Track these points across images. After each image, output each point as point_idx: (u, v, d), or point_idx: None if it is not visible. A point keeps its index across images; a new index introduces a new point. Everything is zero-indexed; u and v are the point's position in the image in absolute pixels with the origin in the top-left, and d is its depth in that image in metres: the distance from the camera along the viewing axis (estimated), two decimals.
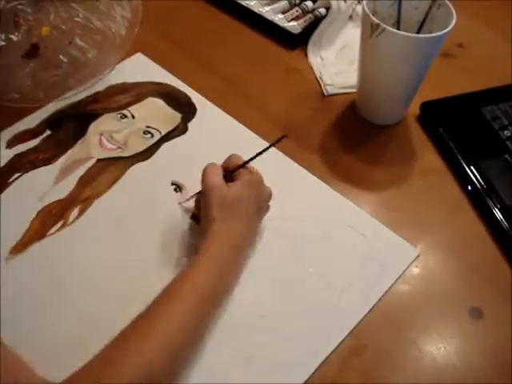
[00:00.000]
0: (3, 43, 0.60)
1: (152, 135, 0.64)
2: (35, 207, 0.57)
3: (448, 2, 0.59)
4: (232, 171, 0.52)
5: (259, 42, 0.79)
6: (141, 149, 0.63)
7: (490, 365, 0.49)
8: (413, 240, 0.57)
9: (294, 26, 0.79)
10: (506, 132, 0.66)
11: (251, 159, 0.52)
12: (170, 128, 0.65)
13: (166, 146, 0.64)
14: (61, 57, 0.65)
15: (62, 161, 0.61)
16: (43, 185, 0.59)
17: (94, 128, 0.65)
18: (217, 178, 0.51)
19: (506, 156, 0.63)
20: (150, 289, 0.46)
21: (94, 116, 0.66)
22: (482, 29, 0.83)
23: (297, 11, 0.81)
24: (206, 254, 0.48)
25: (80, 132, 0.64)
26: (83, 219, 0.57)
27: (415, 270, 0.55)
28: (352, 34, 0.79)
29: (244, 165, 0.52)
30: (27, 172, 0.60)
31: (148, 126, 0.65)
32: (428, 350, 0.50)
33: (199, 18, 0.82)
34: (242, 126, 0.66)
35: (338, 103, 0.71)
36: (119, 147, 0.63)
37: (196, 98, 0.68)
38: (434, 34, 0.56)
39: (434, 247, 0.57)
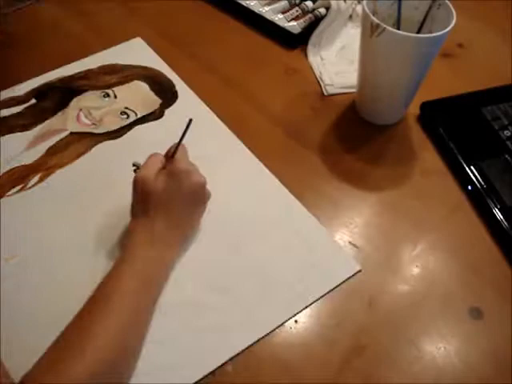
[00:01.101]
0: None
1: (128, 116, 0.66)
2: (1, 169, 0.59)
3: (448, 2, 0.59)
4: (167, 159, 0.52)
5: (259, 42, 0.79)
6: (114, 128, 0.65)
7: (490, 365, 0.49)
8: (413, 240, 0.57)
9: (294, 26, 0.79)
10: (506, 132, 0.66)
11: (176, 149, 0.51)
12: (147, 112, 0.67)
13: (138, 128, 0.65)
14: None
15: (38, 129, 0.64)
16: (14, 149, 0.62)
17: (76, 102, 0.67)
18: (146, 170, 0.50)
19: (506, 156, 0.63)
20: (96, 266, 0.50)
21: (80, 91, 0.68)
22: (482, 29, 0.83)
23: (297, 11, 0.81)
24: (131, 257, 0.48)
25: (62, 104, 0.67)
26: (41, 186, 0.59)
27: (415, 270, 0.55)
28: (352, 34, 0.79)
29: (174, 153, 0.51)
30: (3, 135, 0.63)
31: (126, 108, 0.67)
32: (428, 350, 0.50)
33: (199, 18, 0.82)
34: (217, 119, 0.67)
35: (338, 103, 0.71)
36: (94, 123, 0.65)
37: (181, 86, 0.70)
38: (434, 34, 0.56)
39: (434, 247, 0.57)
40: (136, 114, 0.66)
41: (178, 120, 0.64)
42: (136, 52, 0.74)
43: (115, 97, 0.67)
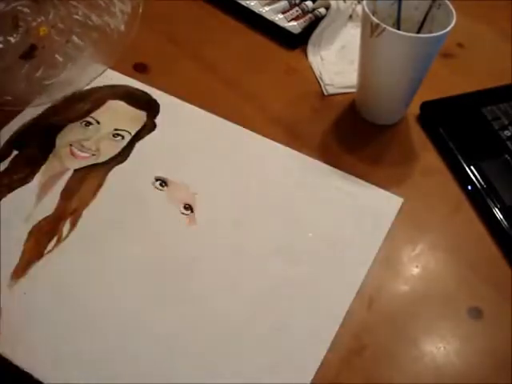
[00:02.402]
0: (1, 46, 0.61)
1: (122, 137, 0.64)
2: (24, 229, 0.56)
3: (448, 2, 0.59)
4: None
5: (259, 42, 0.79)
6: (115, 152, 0.63)
7: (489, 365, 0.49)
8: (413, 240, 0.57)
9: (294, 26, 0.79)
10: (506, 132, 0.66)
11: None
12: (138, 127, 0.65)
13: (139, 144, 0.64)
14: (57, 56, 0.65)
15: (39, 177, 0.60)
16: (26, 205, 0.58)
17: (62, 139, 0.64)
18: None
19: (506, 156, 0.63)
20: (155, 284, 0.51)
21: (58, 128, 0.65)
22: (482, 29, 0.83)
23: (297, 11, 0.81)
24: None
25: (48, 146, 0.63)
26: (77, 231, 0.56)
27: (415, 270, 0.55)
28: (352, 34, 0.79)
29: None
30: (5, 196, 0.59)
31: (116, 129, 0.65)
32: (428, 350, 0.50)
33: (199, 18, 0.82)
34: (207, 113, 0.67)
35: (338, 103, 0.71)
36: (93, 154, 0.62)
37: (155, 94, 0.69)
38: (433, 34, 0.56)
39: (434, 247, 0.57)
40: (130, 133, 0.65)
41: (172, 124, 0.66)
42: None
43: (98, 122, 0.65)
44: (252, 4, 0.81)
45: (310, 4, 0.82)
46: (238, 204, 0.59)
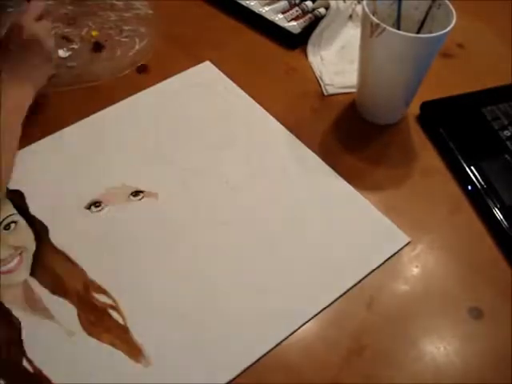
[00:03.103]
0: (70, 52, 0.74)
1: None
2: None
3: (448, 2, 0.59)
4: None
5: (259, 41, 0.79)
6: None
7: (490, 365, 0.49)
8: (413, 240, 0.57)
9: (294, 26, 0.79)
10: (505, 132, 0.66)
11: None
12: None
13: None
14: (122, 39, 0.76)
15: None
16: None
17: None
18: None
19: (506, 156, 0.63)
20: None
21: None
22: (482, 29, 0.83)
23: (297, 11, 0.81)
24: None
25: None
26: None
27: (415, 270, 0.55)
28: (352, 34, 0.79)
29: None
30: None
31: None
32: (428, 350, 0.50)
33: (199, 18, 0.82)
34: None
35: (338, 103, 0.71)
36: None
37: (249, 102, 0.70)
38: (434, 34, 0.56)
39: (434, 247, 0.57)
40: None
41: None
42: (206, 75, 0.73)
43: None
44: (252, 4, 0.81)
45: (309, 4, 0.82)
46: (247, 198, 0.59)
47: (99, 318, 0.49)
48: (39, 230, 0.55)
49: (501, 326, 0.52)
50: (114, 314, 0.49)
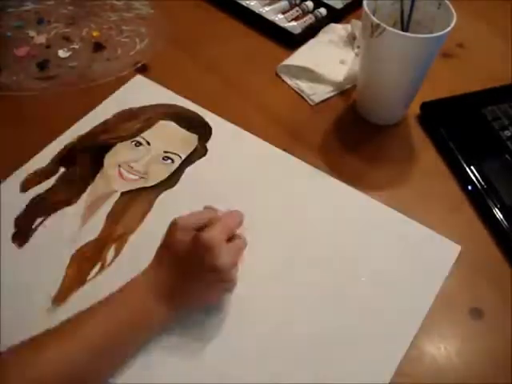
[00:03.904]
0: (70, 52, 0.73)
1: (172, 160, 0.61)
2: (67, 252, 0.53)
3: (448, 2, 0.59)
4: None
5: (259, 42, 0.79)
6: (164, 176, 0.60)
7: (490, 365, 0.49)
8: None
9: (294, 26, 0.79)
10: (506, 132, 0.66)
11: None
12: (188, 151, 0.62)
13: (188, 170, 0.61)
14: (122, 39, 0.76)
15: (85, 198, 0.57)
16: (71, 227, 0.55)
17: (111, 159, 0.61)
18: (185, 218, 0.48)
19: (507, 156, 0.63)
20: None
21: (107, 147, 0.62)
22: (482, 29, 0.83)
23: (297, 11, 0.81)
24: (123, 295, 0.46)
25: (96, 166, 0.60)
26: (122, 258, 0.53)
27: None
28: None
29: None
30: (49, 215, 0.56)
31: (166, 152, 0.62)
32: (428, 350, 0.50)
33: (199, 18, 0.82)
34: (261, 140, 0.64)
35: (338, 103, 0.71)
36: (141, 177, 0.59)
37: (209, 116, 0.66)
38: (434, 34, 0.56)
39: None
40: (180, 157, 0.61)
41: (224, 152, 0.62)
42: (142, 91, 0.69)
43: (148, 143, 0.62)
44: (252, 4, 0.81)
45: (310, 4, 0.82)
46: (289, 241, 0.55)
47: None
48: None
49: (501, 326, 0.52)
50: None
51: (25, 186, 0.58)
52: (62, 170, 0.60)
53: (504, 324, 0.52)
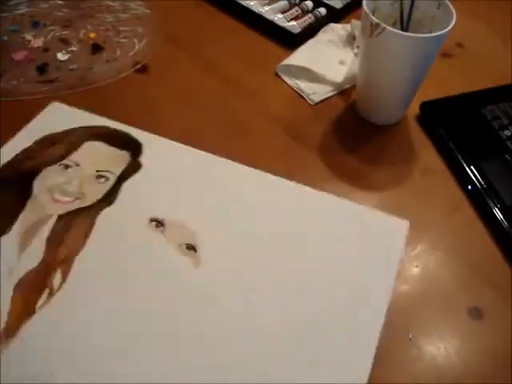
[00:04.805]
0: (69, 55, 0.73)
1: (107, 178, 0.59)
2: (8, 284, 0.50)
3: (448, 2, 0.59)
4: None
5: (259, 41, 0.79)
6: (101, 194, 0.58)
7: (490, 365, 0.49)
8: (413, 240, 0.57)
9: (294, 26, 0.79)
10: (506, 132, 0.66)
11: None
12: (122, 167, 0.61)
13: (126, 186, 0.59)
14: (120, 40, 0.76)
15: (18, 227, 0.54)
16: (8, 258, 0.52)
17: (40, 185, 0.58)
18: None
19: (507, 156, 0.63)
20: (166, 334, 0.47)
21: (34, 173, 0.60)
22: (482, 29, 0.83)
23: (296, 11, 0.81)
24: None
25: (24, 193, 0.57)
26: (70, 282, 0.51)
27: (415, 270, 0.55)
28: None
29: None
30: None
31: (98, 170, 0.60)
32: (428, 350, 0.50)
33: (199, 18, 0.82)
34: (194, 149, 0.63)
35: (338, 103, 0.71)
36: (77, 198, 0.57)
37: (135, 132, 0.64)
38: (433, 34, 0.56)
39: (434, 247, 0.57)
40: (114, 173, 0.60)
41: (159, 162, 0.62)
42: (60, 116, 0.66)
43: (77, 165, 0.60)
44: (252, 4, 0.81)
45: (309, 4, 0.82)
46: (244, 239, 0.55)
47: None
48: None
49: (501, 326, 0.52)
50: None
51: None
52: None
53: (504, 324, 0.52)
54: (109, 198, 0.58)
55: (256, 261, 0.54)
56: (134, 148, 0.63)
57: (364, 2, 0.58)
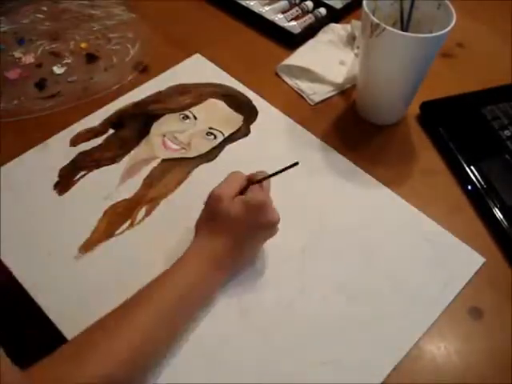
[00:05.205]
0: (65, 67, 0.72)
1: (215, 137, 0.64)
2: (101, 206, 0.57)
3: (448, 2, 0.59)
4: (247, 185, 0.51)
5: (259, 41, 0.79)
6: (204, 150, 0.63)
7: (490, 365, 0.49)
8: None
9: (294, 26, 0.79)
10: (506, 132, 0.66)
11: (264, 178, 0.51)
12: (232, 130, 0.65)
13: (229, 147, 0.64)
14: (113, 47, 0.75)
15: (127, 160, 0.61)
16: (109, 184, 0.59)
17: (157, 128, 0.65)
18: (224, 188, 0.49)
19: (506, 156, 0.63)
20: None
21: (156, 116, 0.66)
22: (482, 29, 0.83)
23: (297, 11, 0.81)
24: (182, 267, 0.48)
25: (143, 132, 0.64)
26: (150, 219, 0.57)
27: None
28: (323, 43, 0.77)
29: (260, 181, 0.50)
30: (92, 171, 0.60)
31: (211, 128, 0.65)
32: (428, 350, 0.50)
33: (199, 18, 0.82)
34: (304, 129, 0.66)
35: (338, 103, 0.71)
36: (183, 148, 0.63)
37: (257, 100, 0.69)
38: (433, 34, 0.56)
39: None
40: (223, 134, 0.64)
41: (266, 135, 0.65)
42: (199, 69, 0.72)
43: (195, 118, 0.65)
44: (252, 4, 0.81)
45: (309, 4, 0.82)
46: (314, 226, 0.57)
47: None
48: None
49: (501, 326, 0.52)
50: None
51: (75, 141, 0.63)
52: (111, 131, 0.64)
53: (504, 324, 0.52)
54: (210, 155, 0.63)
55: (319, 250, 0.55)
56: (249, 114, 0.67)
57: (364, 3, 0.58)
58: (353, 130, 0.68)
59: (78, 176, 0.60)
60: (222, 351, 0.48)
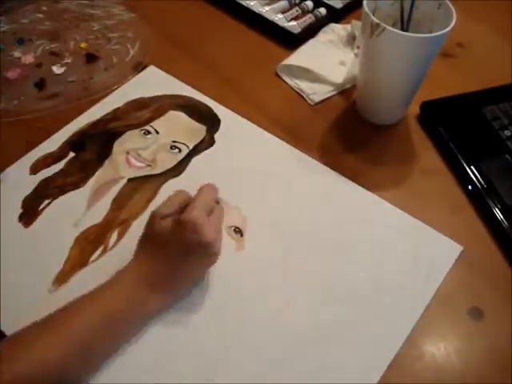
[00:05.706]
0: (65, 67, 0.72)
1: (180, 150, 0.63)
2: (71, 234, 0.55)
3: (448, 2, 0.59)
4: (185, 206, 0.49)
5: (259, 41, 0.79)
6: (170, 165, 0.62)
7: (490, 365, 0.49)
8: None
9: (294, 26, 0.79)
10: (506, 132, 0.66)
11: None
12: (196, 141, 0.64)
13: (195, 160, 0.62)
14: (113, 47, 0.75)
15: (92, 183, 0.59)
16: (76, 210, 0.57)
17: (119, 146, 0.63)
18: (160, 207, 0.49)
19: (507, 156, 0.63)
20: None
21: (117, 134, 0.64)
22: (482, 29, 0.83)
23: (297, 11, 0.81)
24: (104, 289, 0.46)
25: (105, 152, 0.62)
26: (124, 242, 0.55)
27: None
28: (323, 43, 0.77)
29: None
30: (57, 198, 0.58)
31: (174, 141, 0.63)
32: (428, 350, 0.50)
33: (199, 18, 0.82)
34: (270, 135, 0.65)
35: (338, 103, 0.71)
36: (148, 165, 0.61)
37: (218, 108, 0.67)
38: (433, 34, 0.56)
39: None
40: (188, 147, 0.63)
41: (231, 143, 0.64)
42: (155, 81, 0.70)
43: (157, 132, 0.64)
44: (252, 4, 0.81)
45: (310, 4, 0.82)
46: (289, 233, 0.56)
47: None
48: None
49: (501, 326, 0.52)
50: None
51: (34, 169, 0.61)
52: (71, 154, 0.62)
53: (504, 324, 0.52)
54: (177, 169, 0.61)
55: (298, 257, 0.55)
56: (212, 124, 0.66)
57: (364, 2, 0.58)
58: (353, 129, 0.68)
59: (42, 205, 0.57)
60: (215, 370, 0.47)
